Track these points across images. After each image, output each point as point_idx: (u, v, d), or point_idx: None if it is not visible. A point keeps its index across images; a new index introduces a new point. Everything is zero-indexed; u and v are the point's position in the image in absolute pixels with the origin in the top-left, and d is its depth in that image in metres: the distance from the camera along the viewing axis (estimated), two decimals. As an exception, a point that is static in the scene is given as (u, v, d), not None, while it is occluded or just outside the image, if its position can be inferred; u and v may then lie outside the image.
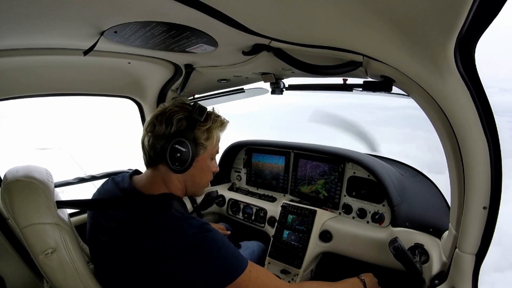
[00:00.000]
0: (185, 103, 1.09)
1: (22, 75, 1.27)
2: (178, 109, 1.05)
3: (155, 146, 1.03)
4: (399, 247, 1.27)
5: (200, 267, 0.92)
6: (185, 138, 1.01)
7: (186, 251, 0.91)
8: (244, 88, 1.81)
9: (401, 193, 1.68)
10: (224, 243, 0.99)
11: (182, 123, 1.03)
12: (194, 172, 1.08)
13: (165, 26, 0.86)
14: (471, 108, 0.85)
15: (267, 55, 1.11)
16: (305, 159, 2.02)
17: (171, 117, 1.03)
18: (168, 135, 1.02)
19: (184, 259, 0.91)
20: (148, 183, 1.07)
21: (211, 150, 1.12)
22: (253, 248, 1.84)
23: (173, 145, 0.99)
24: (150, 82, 1.67)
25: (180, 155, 0.99)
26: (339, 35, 0.88)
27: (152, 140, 1.03)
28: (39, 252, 0.91)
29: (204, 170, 1.13)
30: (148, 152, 1.06)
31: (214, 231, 0.99)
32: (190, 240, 0.92)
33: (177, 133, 1.02)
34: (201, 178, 1.15)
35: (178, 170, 1.01)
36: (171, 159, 0.99)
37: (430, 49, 0.77)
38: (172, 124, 1.02)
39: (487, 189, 0.95)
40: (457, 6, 0.58)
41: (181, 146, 0.99)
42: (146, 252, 0.92)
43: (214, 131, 1.10)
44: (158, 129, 1.03)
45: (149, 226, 0.94)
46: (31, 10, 0.72)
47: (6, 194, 0.90)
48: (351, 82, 1.36)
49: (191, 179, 1.11)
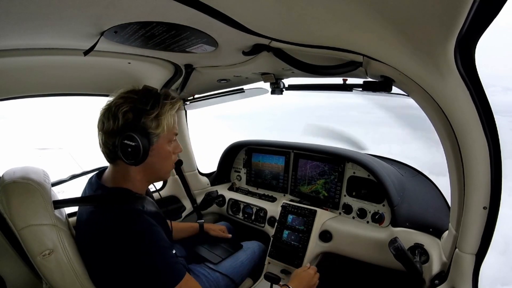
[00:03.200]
0: (129, 92, 1.05)
1: (22, 75, 1.27)
2: (122, 101, 1.02)
3: (108, 144, 1.02)
4: (399, 247, 1.27)
5: (130, 270, 0.94)
6: (133, 131, 0.98)
7: (119, 247, 0.94)
8: (244, 88, 1.81)
9: (401, 193, 1.68)
10: (161, 252, 0.97)
11: (129, 116, 1.00)
12: (152, 160, 1.06)
13: (165, 26, 0.86)
14: (471, 108, 0.85)
15: (267, 55, 1.11)
16: (305, 159, 2.02)
17: (117, 111, 1.00)
18: (117, 130, 1.00)
19: (118, 257, 0.94)
20: (110, 178, 1.09)
21: (166, 135, 1.08)
22: (253, 248, 1.84)
23: (122, 141, 0.97)
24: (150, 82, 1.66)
25: (131, 149, 0.98)
26: (339, 35, 0.88)
27: (104, 138, 1.03)
28: (36, 253, 0.91)
29: (163, 156, 1.10)
30: (103, 150, 1.06)
31: (155, 236, 0.99)
32: (125, 237, 0.95)
33: (124, 127, 0.99)
34: (162, 164, 1.12)
35: (134, 163, 1.01)
36: (124, 155, 0.99)
37: (430, 49, 0.77)
38: (119, 119, 1.00)
39: (487, 189, 0.95)
40: (457, 6, 0.58)
41: (130, 141, 0.97)
42: (96, 245, 0.98)
43: (163, 116, 1.05)
44: (107, 126, 1.01)
45: (97, 220, 0.99)
46: (31, 10, 0.72)
47: (4, 196, 0.91)
48: (351, 82, 1.36)
49: (151, 168, 1.09)
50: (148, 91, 1.05)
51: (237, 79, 1.64)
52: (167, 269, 0.98)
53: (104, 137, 1.03)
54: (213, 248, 1.73)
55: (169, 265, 0.99)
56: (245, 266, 1.69)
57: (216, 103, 2.03)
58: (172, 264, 1.00)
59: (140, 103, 1.01)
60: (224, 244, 1.78)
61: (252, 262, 1.76)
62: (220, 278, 1.51)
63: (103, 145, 1.04)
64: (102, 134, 1.03)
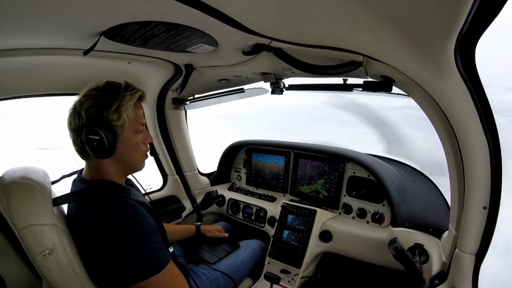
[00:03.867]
0: (92, 89, 1.07)
1: (22, 75, 1.27)
2: (85, 98, 1.05)
3: (77, 141, 1.06)
4: (398, 247, 1.27)
5: (113, 256, 0.96)
6: (96, 126, 1.00)
7: (104, 236, 0.96)
8: (244, 88, 1.81)
9: (401, 193, 1.68)
10: (144, 238, 0.99)
11: (91, 111, 1.03)
12: (121, 152, 1.09)
13: (165, 26, 0.86)
14: (471, 108, 0.85)
15: (267, 55, 1.11)
16: (305, 159, 2.02)
17: (80, 108, 1.03)
18: (82, 127, 1.03)
19: (104, 246, 0.97)
20: (87, 172, 1.13)
21: (131, 125, 1.10)
22: (254, 247, 1.85)
23: (87, 136, 1.01)
24: (150, 82, 1.67)
25: (96, 143, 1.01)
26: (339, 35, 0.88)
27: (73, 137, 1.06)
28: (36, 253, 0.91)
29: (131, 147, 1.12)
30: (75, 149, 1.10)
31: (140, 221, 1.01)
32: (107, 224, 0.97)
33: (88, 123, 1.02)
34: (132, 155, 1.14)
35: (102, 157, 1.04)
36: (91, 150, 1.02)
37: (430, 49, 0.77)
38: (82, 116, 1.03)
39: (487, 189, 0.95)
40: (457, 6, 0.58)
41: (95, 135, 1.00)
42: (86, 237, 1.01)
43: (123, 108, 1.06)
44: (74, 125, 1.04)
45: (84, 212, 1.02)
46: (31, 10, 0.72)
47: (3, 196, 0.90)
48: (351, 82, 1.36)
49: (122, 159, 1.12)
50: (109, 86, 1.07)
51: (237, 79, 1.64)
52: (150, 255, 0.99)
53: (73, 136, 1.06)
54: (210, 249, 1.73)
55: (152, 252, 1.00)
56: (246, 265, 1.70)
57: (216, 103, 2.03)
58: (155, 250, 1.01)
59: (101, 98, 1.04)
60: (222, 244, 1.78)
61: (252, 260, 1.76)
62: (220, 277, 1.51)
63: (73, 144, 1.08)
64: (71, 132, 1.07)
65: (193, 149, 2.28)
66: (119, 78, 1.55)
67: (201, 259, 1.60)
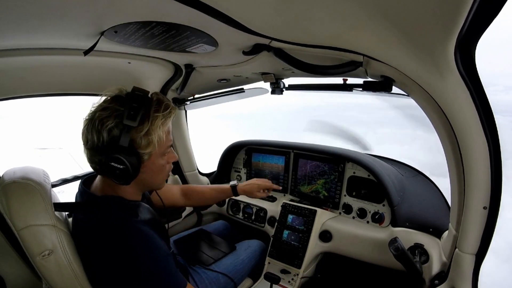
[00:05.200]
0: (114, 101, 0.93)
1: (22, 75, 1.27)
2: (107, 114, 0.90)
3: (94, 160, 0.94)
4: (399, 247, 1.27)
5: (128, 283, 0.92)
6: (120, 153, 0.88)
7: (115, 261, 0.91)
8: (244, 88, 1.81)
9: (401, 193, 1.68)
10: (159, 260, 0.92)
11: (115, 133, 0.90)
12: (144, 176, 0.99)
13: (165, 26, 0.86)
14: (471, 108, 0.85)
15: (267, 55, 1.11)
16: (305, 159, 2.02)
17: (101, 127, 0.89)
18: (102, 148, 0.90)
19: (115, 270, 0.91)
20: (99, 188, 1.03)
21: (159, 150, 0.98)
22: (254, 247, 1.84)
23: (109, 162, 0.88)
24: (150, 82, 1.67)
25: (119, 172, 0.89)
26: (339, 35, 0.88)
27: (89, 155, 0.94)
28: (36, 254, 0.90)
29: (156, 171, 1.02)
30: (91, 165, 0.98)
31: (151, 247, 0.93)
32: (121, 251, 0.91)
33: (110, 146, 0.89)
34: (156, 178, 1.05)
35: (123, 184, 0.94)
36: (112, 176, 0.91)
37: (430, 49, 0.77)
38: (103, 136, 0.90)
39: (487, 189, 0.95)
40: (457, 6, 0.58)
41: (118, 163, 0.88)
42: (93, 255, 0.96)
43: (154, 132, 0.93)
44: (91, 143, 0.92)
45: (93, 230, 0.96)
46: (31, 10, 0.72)
47: (3, 196, 0.90)
48: (351, 82, 1.36)
49: (143, 183, 1.03)
50: (137, 100, 0.91)
51: (237, 79, 1.64)
52: (165, 281, 0.96)
53: (89, 154, 0.94)
54: (207, 250, 1.72)
55: (168, 277, 0.97)
56: (246, 265, 1.70)
57: (216, 103, 2.03)
58: (171, 275, 0.97)
59: (127, 116, 0.88)
60: (218, 246, 1.78)
61: (252, 260, 1.76)
62: (220, 277, 1.51)
63: (89, 160, 0.96)
64: (87, 150, 0.94)
65: (193, 149, 2.28)
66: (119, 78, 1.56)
67: (199, 260, 1.60)
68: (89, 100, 0.97)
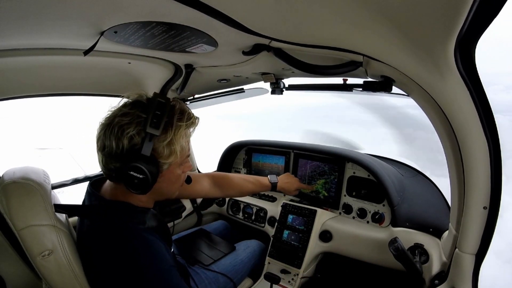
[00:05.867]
0: (135, 107, 0.90)
1: (22, 75, 1.27)
2: (128, 121, 0.86)
3: (109, 167, 0.91)
4: (399, 247, 1.27)
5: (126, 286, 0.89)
6: (141, 163, 0.85)
7: (114, 263, 0.89)
8: (244, 88, 1.81)
9: (401, 193, 1.68)
10: (162, 271, 0.89)
11: (135, 141, 0.86)
12: (160, 186, 0.96)
13: (165, 26, 0.86)
14: (471, 108, 0.85)
15: (267, 55, 1.11)
16: (305, 159, 2.02)
17: (121, 134, 0.86)
18: (121, 155, 0.87)
19: (113, 272, 0.90)
20: (108, 192, 1.00)
21: (179, 159, 0.97)
22: (254, 247, 1.85)
23: (128, 171, 0.85)
24: (150, 82, 1.67)
25: (137, 181, 0.86)
26: (339, 35, 0.88)
27: (105, 160, 0.90)
28: (36, 254, 0.90)
29: (172, 180, 1.01)
30: (103, 171, 0.94)
31: (155, 259, 0.90)
32: (122, 254, 0.89)
33: (130, 154, 0.86)
34: (170, 188, 1.03)
35: (140, 193, 0.91)
36: (129, 186, 0.88)
37: (430, 49, 0.77)
38: (123, 143, 0.86)
39: (487, 189, 0.95)
40: (457, 6, 0.58)
41: (138, 173, 0.85)
42: (96, 261, 0.94)
43: (177, 142, 0.91)
44: (109, 149, 0.87)
45: (97, 236, 0.94)
46: (31, 10, 0.72)
47: (3, 196, 0.90)
48: (351, 82, 1.36)
49: (158, 192, 1.00)
50: (159, 107, 0.88)
51: (237, 79, 1.64)
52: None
53: (105, 160, 0.90)
54: (206, 250, 1.72)
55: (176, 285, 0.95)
56: (246, 265, 1.70)
57: (216, 103, 2.03)
58: (171, 286, 0.95)
59: (150, 124, 0.85)
60: (218, 246, 1.78)
61: (252, 260, 1.76)
62: (219, 277, 1.51)
63: (103, 166, 0.93)
64: (102, 155, 0.90)
65: (193, 149, 2.28)
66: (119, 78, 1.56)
67: (199, 260, 1.60)
68: (89, 100, 0.96)
